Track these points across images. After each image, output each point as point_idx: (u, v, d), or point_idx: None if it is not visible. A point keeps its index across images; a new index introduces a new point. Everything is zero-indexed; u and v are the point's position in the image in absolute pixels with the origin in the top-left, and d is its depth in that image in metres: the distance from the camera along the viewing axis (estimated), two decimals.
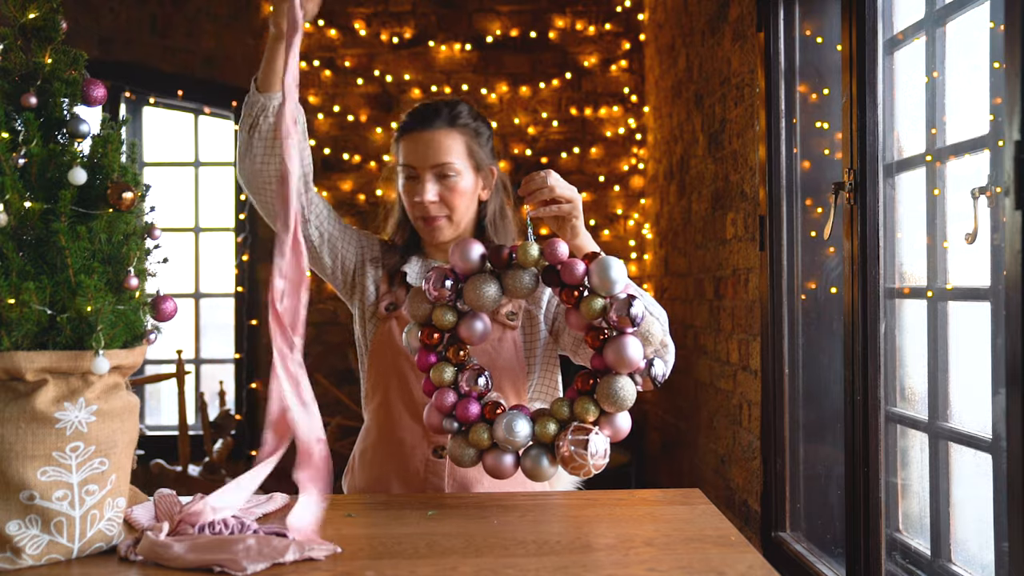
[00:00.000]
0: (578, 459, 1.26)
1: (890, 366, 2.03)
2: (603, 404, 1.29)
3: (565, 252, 1.29)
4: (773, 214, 2.62)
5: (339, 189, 4.65)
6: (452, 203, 1.56)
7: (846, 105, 2.07)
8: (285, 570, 1.03)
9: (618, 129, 4.77)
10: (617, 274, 1.27)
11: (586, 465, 1.26)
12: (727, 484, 3.17)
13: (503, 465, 1.32)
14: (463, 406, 1.32)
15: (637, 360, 1.28)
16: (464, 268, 1.31)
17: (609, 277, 1.27)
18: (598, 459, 1.26)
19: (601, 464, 1.27)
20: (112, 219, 1.07)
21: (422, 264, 1.64)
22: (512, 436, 1.29)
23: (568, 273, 1.28)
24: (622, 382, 1.29)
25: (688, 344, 3.73)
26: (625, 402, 1.29)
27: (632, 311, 1.26)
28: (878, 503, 1.99)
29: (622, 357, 1.28)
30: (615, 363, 1.28)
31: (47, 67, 1.08)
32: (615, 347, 1.28)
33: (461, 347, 1.34)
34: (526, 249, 1.29)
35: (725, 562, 1.07)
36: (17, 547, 1.02)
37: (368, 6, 4.69)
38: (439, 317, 1.32)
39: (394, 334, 1.59)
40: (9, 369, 1.01)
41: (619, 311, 1.27)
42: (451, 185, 1.56)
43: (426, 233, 1.60)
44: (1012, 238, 1.40)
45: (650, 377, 1.31)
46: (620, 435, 1.32)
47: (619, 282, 1.27)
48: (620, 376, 1.29)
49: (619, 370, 1.28)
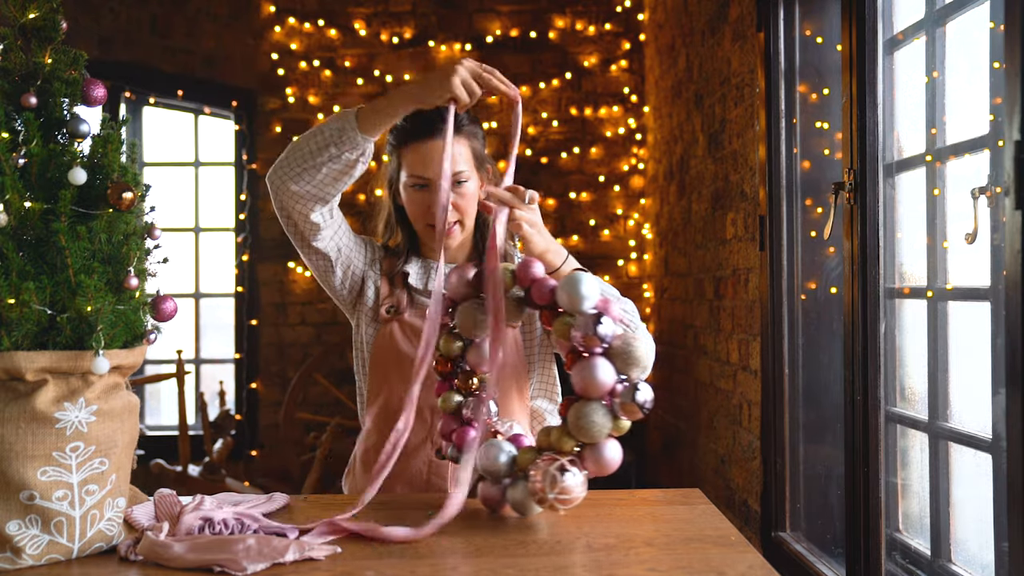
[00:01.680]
0: (538, 492, 1.17)
1: (890, 366, 2.03)
2: (574, 433, 1.18)
3: (536, 272, 1.23)
4: (773, 214, 2.62)
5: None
6: (464, 209, 1.56)
7: (846, 105, 2.07)
8: (285, 570, 1.03)
9: (618, 129, 4.77)
10: (587, 289, 1.17)
11: (547, 499, 1.16)
12: (727, 484, 3.17)
13: (489, 493, 1.28)
14: (460, 432, 1.32)
15: (604, 385, 1.16)
16: (456, 295, 1.30)
17: (578, 293, 1.17)
18: (561, 493, 1.15)
19: (567, 499, 1.16)
20: (112, 219, 1.07)
21: (422, 265, 1.64)
22: (490, 463, 1.25)
23: (537, 293, 1.22)
24: (589, 409, 1.17)
25: (688, 344, 3.73)
26: (594, 432, 1.17)
27: (600, 330, 1.16)
28: (878, 503, 1.99)
29: (588, 381, 1.16)
30: (582, 388, 1.17)
31: (47, 67, 1.08)
32: (580, 370, 1.17)
33: (471, 375, 1.32)
34: (503, 272, 1.26)
35: (725, 562, 1.07)
36: (17, 547, 1.02)
37: (368, 6, 4.69)
38: (445, 345, 1.32)
39: (395, 337, 1.58)
40: (9, 369, 1.01)
41: (584, 329, 1.16)
42: (462, 192, 1.55)
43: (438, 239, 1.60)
44: (1012, 238, 1.40)
45: (634, 404, 1.16)
46: (605, 469, 1.20)
47: (589, 298, 1.17)
48: (590, 403, 1.17)
49: (588, 395, 1.17)
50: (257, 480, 4.41)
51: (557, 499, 1.16)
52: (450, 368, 1.34)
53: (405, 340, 1.57)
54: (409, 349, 1.56)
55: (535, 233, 1.38)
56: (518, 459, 1.25)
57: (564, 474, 1.16)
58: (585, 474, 1.19)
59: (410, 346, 1.56)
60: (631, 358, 1.17)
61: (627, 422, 1.19)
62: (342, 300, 1.66)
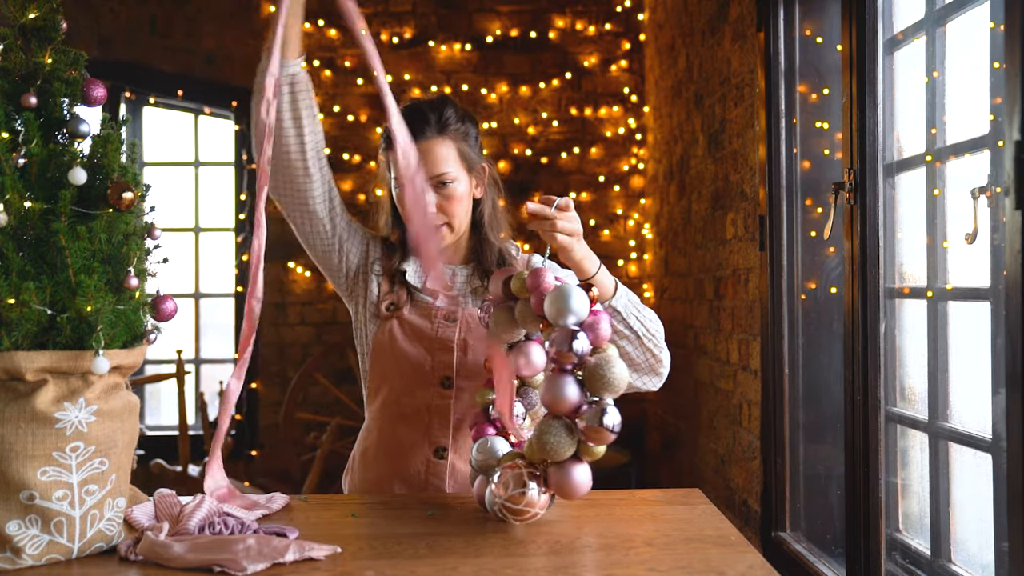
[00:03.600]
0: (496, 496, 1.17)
1: (890, 366, 2.03)
2: (536, 449, 1.16)
3: (544, 281, 1.22)
4: (773, 214, 2.62)
5: (339, 189, 4.65)
6: (451, 211, 1.56)
7: (846, 105, 2.07)
8: (285, 570, 1.03)
9: (618, 129, 4.77)
10: (574, 304, 1.15)
11: (497, 503, 1.16)
12: (727, 484, 3.17)
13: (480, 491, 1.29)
14: (480, 428, 1.35)
15: (569, 402, 1.13)
16: (492, 297, 1.33)
17: (564, 306, 1.15)
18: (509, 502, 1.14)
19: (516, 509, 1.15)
20: (112, 219, 1.07)
21: (419, 263, 1.64)
22: (483, 459, 1.28)
23: (536, 302, 1.22)
24: (549, 426, 1.15)
25: (688, 344, 3.73)
26: (551, 450, 1.14)
27: (574, 346, 1.13)
28: (878, 503, 1.99)
29: (553, 397, 1.14)
30: (548, 403, 1.15)
31: (47, 67, 1.08)
32: (547, 384, 1.15)
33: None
34: (517, 279, 1.27)
35: (725, 562, 1.07)
36: (17, 547, 1.02)
37: (368, 6, 4.69)
38: None
39: (395, 335, 1.58)
40: (9, 369, 1.01)
41: (558, 344, 1.14)
42: (448, 194, 1.55)
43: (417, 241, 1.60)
44: (1012, 238, 1.40)
45: (601, 427, 1.12)
46: (568, 492, 1.16)
47: (573, 313, 1.15)
48: (553, 420, 1.15)
49: (553, 412, 1.15)
50: (257, 480, 4.41)
51: (505, 506, 1.15)
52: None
53: (405, 338, 1.57)
54: (408, 347, 1.56)
55: (573, 242, 1.36)
56: (500, 459, 1.26)
57: (525, 485, 1.15)
58: (545, 493, 1.17)
59: (409, 344, 1.56)
60: (603, 380, 1.13)
61: (597, 448, 1.16)
62: (339, 284, 1.65)
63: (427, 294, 1.61)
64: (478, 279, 1.63)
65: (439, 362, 1.55)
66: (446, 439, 1.55)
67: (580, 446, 1.17)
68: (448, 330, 1.57)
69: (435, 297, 1.61)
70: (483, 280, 1.62)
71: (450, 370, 1.55)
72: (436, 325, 1.57)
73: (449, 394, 1.55)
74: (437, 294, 1.61)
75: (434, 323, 1.57)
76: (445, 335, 1.56)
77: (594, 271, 1.40)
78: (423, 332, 1.57)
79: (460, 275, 1.63)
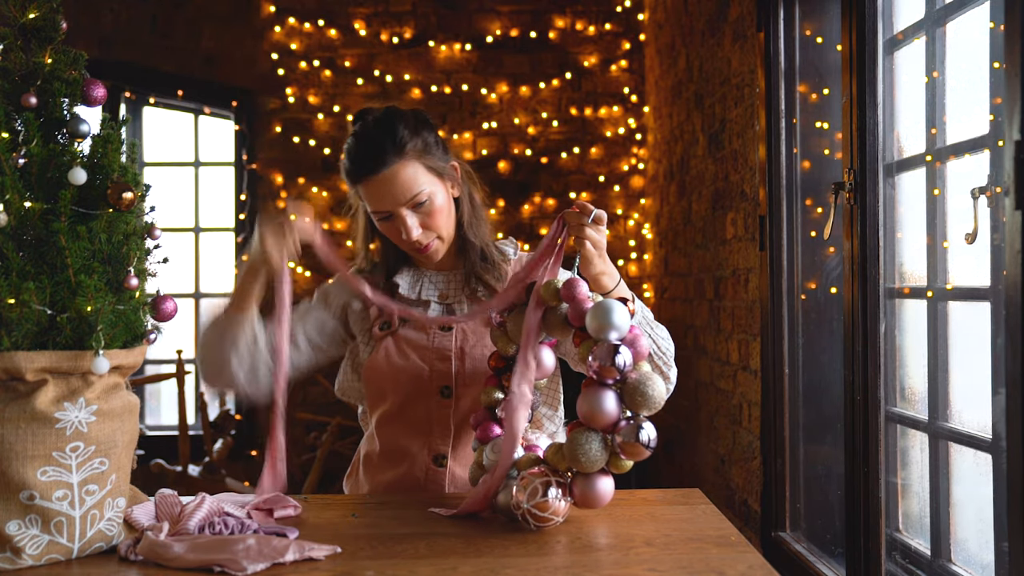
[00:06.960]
0: (518, 500, 1.17)
1: (890, 366, 2.03)
2: (567, 458, 1.16)
3: (580, 291, 1.21)
4: (773, 214, 2.62)
5: (338, 189, 4.65)
6: (436, 225, 1.54)
7: (846, 105, 2.07)
8: (285, 570, 1.03)
9: (618, 129, 4.77)
10: (617, 320, 1.16)
11: (521, 508, 1.16)
12: (727, 484, 3.17)
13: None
14: (485, 427, 1.36)
15: (607, 417, 1.14)
16: (501, 300, 1.35)
17: (607, 321, 1.15)
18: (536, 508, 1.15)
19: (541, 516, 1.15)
20: (112, 219, 1.07)
21: (413, 274, 1.63)
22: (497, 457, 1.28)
23: (574, 313, 1.22)
24: (585, 439, 1.15)
25: (688, 344, 3.73)
26: (585, 462, 1.14)
27: (617, 360, 1.13)
28: (878, 503, 1.99)
29: (592, 410, 1.14)
30: (585, 416, 1.15)
31: (47, 67, 1.08)
32: (586, 397, 1.15)
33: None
34: (548, 286, 1.26)
35: (725, 562, 1.07)
36: (17, 547, 1.02)
37: (368, 6, 4.69)
38: (502, 344, 1.37)
39: (391, 353, 1.56)
40: (9, 369, 1.01)
41: (601, 358, 1.14)
42: (428, 210, 1.52)
43: (423, 259, 1.59)
44: (1012, 238, 1.40)
45: (637, 443, 1.12)
46: (591, 502, 1.17)
47: (617, 329, 1.16)
48: (589, 432, 1.15)
49: (590, 425, 1.16)
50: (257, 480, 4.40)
51: (530, 512, 1.15)
52: (503, 365, 1.39)
53: (399, 354, 1.56)
54: (402, 362, 1.55)
55: (596, 254, 1.36)
56: (517, 462, 1.25)
57: (547, 491, 1.15)
58: (568, 500, 1.18)
59: (404, 360, 1.55)
60: (644, 397, 1.14)
61: (628, 461, 1.16)
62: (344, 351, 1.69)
63: (421, 305, 1.60)
64: (468, 283, 1.61)
65: (437, 372, 1.54)
66: (446, 447, 1.54)
67: (610, 458, 1.17)
68: (444, 339, 1.56)
69: (427, 307, 1.60)
70: (469, 282, 1.61)
71: (449, 379, 1.54)
72: (432, 335, 1.56)
73: (448, 403, 1.54)
74: (429, 303, 1.60)
75: (429, 333, 1.57)
76: (442, 344, 1.55)
77: (611, 287, 1.39)
78: (419, 343, 1.56)
79: (453, 281, 1.63)
